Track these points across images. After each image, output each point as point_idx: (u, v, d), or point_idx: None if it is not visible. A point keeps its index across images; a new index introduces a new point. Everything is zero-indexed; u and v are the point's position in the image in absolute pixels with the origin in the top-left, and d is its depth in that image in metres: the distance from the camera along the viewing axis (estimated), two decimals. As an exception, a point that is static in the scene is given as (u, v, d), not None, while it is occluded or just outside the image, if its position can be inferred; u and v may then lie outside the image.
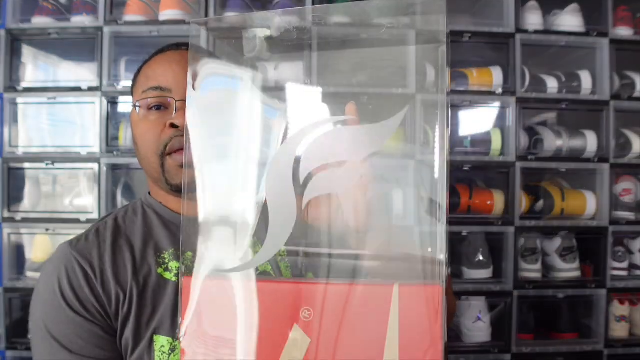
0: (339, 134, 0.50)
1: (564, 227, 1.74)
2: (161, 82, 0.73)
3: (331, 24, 0.55)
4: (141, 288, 0.69)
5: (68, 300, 0.67)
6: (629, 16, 1.74)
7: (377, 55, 0.60)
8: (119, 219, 0.77)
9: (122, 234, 0.74)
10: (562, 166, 1.73)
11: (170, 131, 0.71)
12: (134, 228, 0.76)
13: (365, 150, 0.49)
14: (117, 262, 0.70)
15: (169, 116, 0.72)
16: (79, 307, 0.67)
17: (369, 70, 0.59)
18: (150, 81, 0.74)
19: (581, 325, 1.75)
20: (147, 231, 0.75)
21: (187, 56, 0.67)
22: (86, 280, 0.68)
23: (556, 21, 1.75)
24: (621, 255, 1.75)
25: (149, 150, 0.73)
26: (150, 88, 0.73)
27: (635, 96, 1.74)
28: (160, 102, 0.73)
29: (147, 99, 0.73)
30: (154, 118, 0.73)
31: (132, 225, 0.76)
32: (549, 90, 1.73)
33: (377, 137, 0.49)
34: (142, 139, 0.74)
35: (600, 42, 1.73)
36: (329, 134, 0.50)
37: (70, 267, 0.69)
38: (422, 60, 0.56)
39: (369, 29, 0.57)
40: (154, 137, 0.72)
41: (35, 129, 1.75)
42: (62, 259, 0.70)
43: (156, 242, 0.74)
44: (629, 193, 1.76)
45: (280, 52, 0.57)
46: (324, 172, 0.50)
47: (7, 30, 1.68)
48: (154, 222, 0.76)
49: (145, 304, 0.69)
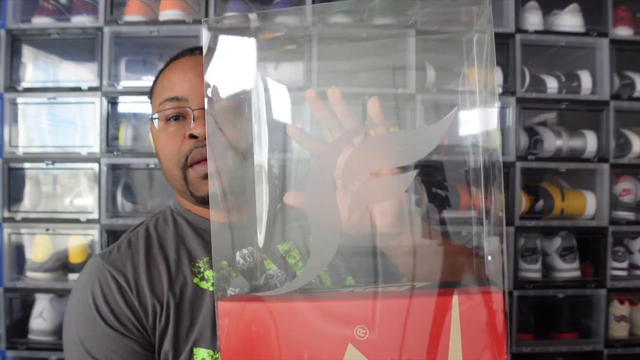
0: (382, 141, 0.47)
1: (564, 227, 1.74)
2: (177, 91, 0.70)
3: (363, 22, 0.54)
4: (178, 299, 0.67)
5: (103, 314, 0.65)
6: (628, 16, 1.74)
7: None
8: (150, 229, 0.75)
9: (154, 243, 0.72)
10: (562, 166, 1.73)
11: (190, 142, 0.69)
12: (166, 237, 0.73)
13: (411, 156, 0.46)
14: (152, 273, 0.68)
15: (188, 127, 0.69)
16: (115, 321, 0.65)
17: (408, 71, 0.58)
18: (167, 92, 0.72)
19: (581, 325, 1.75)
20: (179, 240, 0.73)
21: (201, 61, 0.66)
22: (121, 294, 0.66)
23: (556, 21, 1.75)
24: (621, 255, 1.75)
25: (170, 163, 0.71)
26: (166, 99, 0.71)
27: (635, 96, 1.74)
28: (178, 113, 0.70)
29: (164, 110, 0.71)
30: (172, 130, 0.70)
31: (164, 234, 0.74)
32: (548, 90, 1.73)
33: (426, 142, 0.46)
34: (162, 152, 0.72)
35: (600, 42, 1.73)
36: (371, 141, 0.47)
37: (104, 280, 0.67)
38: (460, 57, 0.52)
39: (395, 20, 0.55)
40: (174, 149, 0.70)
41: (36, 129, 1.75)
42: (95, 272, 0.68)
43: (189, 250, 0.72)
44: (629, 193, 1.76)
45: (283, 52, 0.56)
46: (369, 182, 0.48)
47: (7, 30, 1.68)
48: (185, 230, 0.74)
49: (183, 315, 0.66)
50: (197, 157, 0.68)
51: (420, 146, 0.45)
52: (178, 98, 0.70)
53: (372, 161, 0.47)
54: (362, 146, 0.47)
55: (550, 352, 1.68)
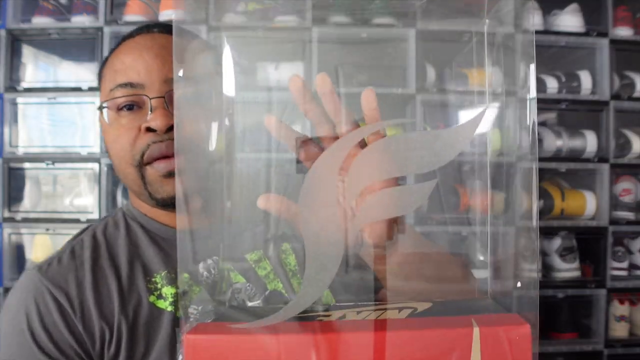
0: (398, 143, 0.39)
1: (564, 227, 1.74)
2: (131, 76, 0.60)
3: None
4: (131, 322, 0.56)
5: (40, 341, 0.54)
6: (628, 16, 1.74)
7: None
8: (97, 235, 0.64)
9: (103, 254, 0.61)
10: (561, 166, 1.73)
11: (147, 136, 0.59)
12: (117, 246, 0.62)
13: (434, 162, 0.38)
14: (100, 290, 0.58)
15: (144, 118, 0.59)
16: (54, 350, 0.54)
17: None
18: (119, 76, 0.60)
19: (581, 325, 1.75)
20: (133, 249, 0.62)
21: (161, 40, 0.60)
22: (62, 316, 0.55)
23: (556, 21, 1.75)
24: (621, 255, 1.75)
25: (123, 161, 0.61)
26: (119, 85, 0.60)
27: (635, 96, 1.74)
28: (132, 101, 0.60)
29: (115, 98, 0.60)
30: (125, 121, 0.60)
31: (115, 243, 0.63)
32: (548, 91, 1.73)
33: (450, 146, 0.38)
34: (113, 147, 0.61)
35: (600, 42, 1.73)
36: (385, 143, 0.39)
37: (42, 299, 0.56)
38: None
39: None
40: (128, 144, 0.59)
41: (36, 129, 1.75)
42: (31, 289, 0.57)
43: (145, 262, 0.61)
44: (629, 193, 1.76)
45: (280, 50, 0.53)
46: (381, 191, 0.39)
47: (8, 30, 1.68)
48: (140, 237, 0.64)
49: (137, 341, 0.56)
50: (156, 154, 0.59)
51: (444, 151, 0.38)
52: (132, 84, 0.59)
53: (385, 167, 0.39)
54: (373, 149, 0.39)
55: (550, 352, 1.68)
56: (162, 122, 0.57)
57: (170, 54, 0.55)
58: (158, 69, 0.59)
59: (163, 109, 0.58)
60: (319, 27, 1.50)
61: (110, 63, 0.63)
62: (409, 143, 0.39)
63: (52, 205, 1.76)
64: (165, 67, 0.60)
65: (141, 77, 0.60)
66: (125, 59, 0.61)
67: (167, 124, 0.58)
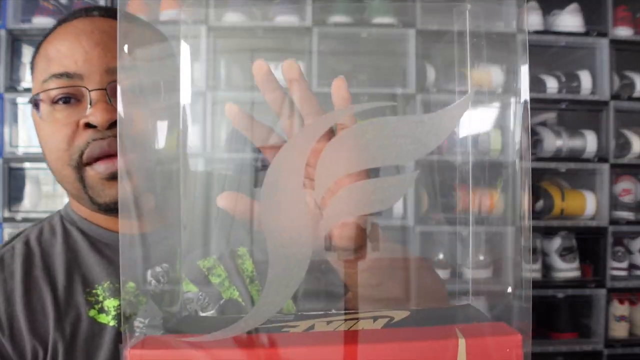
0: (374, 130, 0.33)
1: (564, 227, 1.74)
2: (68, 65, 0.53)
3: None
4: (68, 339, 0.51)
5: None
6: (628, 16, 1.74)
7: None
8: (31, 242, 0.57)
9: (37, 263, 0.55)
10: (561, 166, 1.73)
11: (87, 133, 0.52)
12: (54, 254, 0.56)
13: (416, 150, 0.34)
14: (33, 304, 0.52)
15: (83, 112, 0.52)
16: None
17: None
18: (53, 65, 0.53)
19: (581, 325, 1.75)
20: (71, 258, 0.56)
21: (102, 25, 0.54)
22: None
23: (556, 21, 1.75)
24: (621, 255, 1.75)
25: (60, 161, 0.54)
26: (53, 75, 0.53)
27: (634, 96, 1.74)
28: (68, 94, 0.53)
29: (50, 90, 0.53)
30: (61, 116, 0.53)
31: (51, 251, 0.56)
32: (548, 90, 1.73)
33: (434, 132, 0.34)
34: (48, 145, 0.55)
35: (600, 42, 1.73)
36: (359, 130, 0.34)
37: None
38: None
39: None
40: (64, 142, 0.53)
41: (36, 129, 1.75)
42: None
43: (84, 272, 0.55)
44: (629, 193, 1.76)
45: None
46: (352, 185, 0.34)
47: (8, 30, 1.68)
48: (80, 244, 0.57)
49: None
50: (97, 153, 0.52)
51: (427, 138, 0.33)
52: (69, 74, 0.53)
53: (359, 157, 0.34)
54: (344, 137, 0.34)
55: (550, 352, 1.68)
56: (103, 117, 0.51)
57: (112, 40, 0.50)
58: (98, 58, 0.53)
59: (105, 103, 0.52)
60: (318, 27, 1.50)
61: (44, 50, 0.56)
62: (387, 129, 0.33)
63: (52, 205, 1.76)
64: (107, 55, 0.53)
65: (79, 66, 0.52)
66: (60, 46, 0.54)
67: (109, 119, 0.51)
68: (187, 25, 0.40)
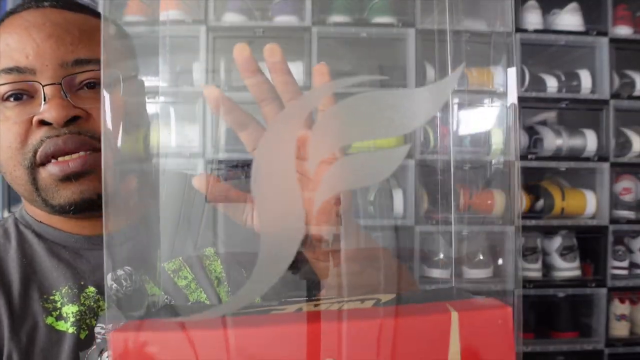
0: (363, 104, 0.33)
1: (564, 226, 1.74)
2: (18, 59, 0.50)
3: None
4: (24, 349, 0.49)
5: None
6: (628, 15, 1.74)
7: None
8: None
9: None
10: (562, 165, 1.73)
11: (41, 130, 0.50)
12: (7, 259, 0.54)
13: (407, 124, 0.33)
14: None
15: (36, 109, 0.50)
16: None
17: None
18: (2, 59, 0.51)
19: (581, 325, 1.75)
20: (26, 263, 0.53)
21: (54, 17, 0.51)
22: None
23: (555, 20, 1.75)
24: (621, 254, 1.75)
25: (11, 161, 0.51)
26: (2, 70, 0.50)
27: (635, 95, 1.73)
28: (19, 90, 0.50)
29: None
30: (12, 113, 0.50)
31: (4, 256, 0.54)
32: (548, 90, 1.73)
33: (424, 106, 0.33)
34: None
35: (600, 41, 1.73)
36: (350, 104, 0.33)
37: None
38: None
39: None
40: (16, 141, 0.50)
41: (36, 129, 1.75)
42: None
43: (41, 277, 0.53)
44: (629, 192, 1.76)
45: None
46: (346, 159, 0.34)
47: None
48: (36, 248, 0.54)
49: None
50: (52, 150, 0.50)
51: (417, 111, 0.33)
52: (20, 69, 0.50)
53: (351, 131, 0.33)
54: (335, 112, 0.34)
55: (551, 352, 1.68)
56: (59, 114, 0.49)
57: (66, 32, 0.50)
58: (52, 51, 0.50)
59: (60, 99, 0.49)
60: (318, 27, 1.50)
61: None
62: (378, 102, 0.33)
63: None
64: (61, 48, 0.51)
65: (30, 60, 0.50)
66: (9, 40, 0.51)
67: (65, 116, 0.49)
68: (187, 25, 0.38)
